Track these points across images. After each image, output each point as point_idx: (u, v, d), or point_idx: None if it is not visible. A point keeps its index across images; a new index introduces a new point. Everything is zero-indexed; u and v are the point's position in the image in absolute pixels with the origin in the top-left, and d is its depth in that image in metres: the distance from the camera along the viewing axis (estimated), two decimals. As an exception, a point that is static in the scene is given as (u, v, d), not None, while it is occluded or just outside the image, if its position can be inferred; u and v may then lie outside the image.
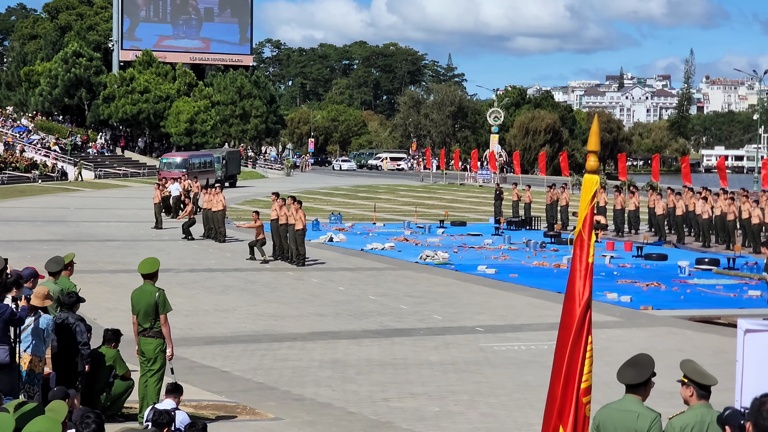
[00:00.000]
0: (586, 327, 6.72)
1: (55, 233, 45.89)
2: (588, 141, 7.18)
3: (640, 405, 8.85)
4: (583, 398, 6.74)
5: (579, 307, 6.71)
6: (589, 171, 7.00)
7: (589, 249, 6.82)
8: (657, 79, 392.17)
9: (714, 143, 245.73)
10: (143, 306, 15.42)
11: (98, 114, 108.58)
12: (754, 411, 5.77)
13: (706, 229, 45.45)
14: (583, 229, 6.83)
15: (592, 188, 6.92)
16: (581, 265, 6.81)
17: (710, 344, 23.76)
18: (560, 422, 6.76)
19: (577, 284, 6.77)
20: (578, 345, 6.71)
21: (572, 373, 6.72)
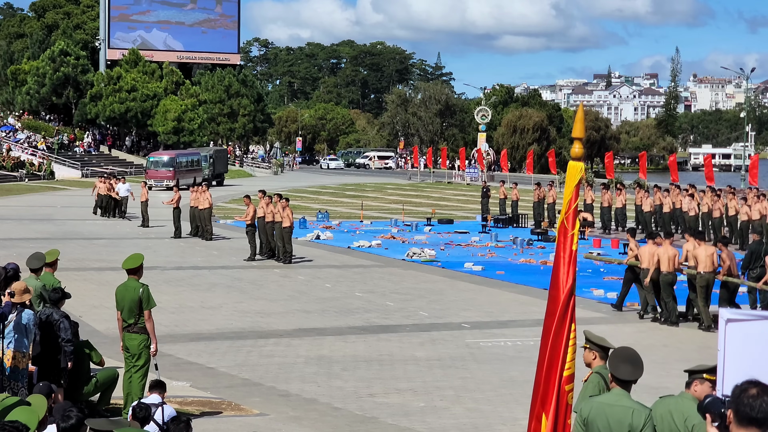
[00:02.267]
0: (569, 314, 6.72)
1: (42, 231, 45.81)
2: (573, 128, 7.15)
3: (632, 400, 8.84)
4: (566, 386, 6.75)
5: (563, 295, 6.71)
6: (574, 158, 6.99)
7: (573, 237, 6.81)
8: (644, 77, 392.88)
9: (701, 141, 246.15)
10: (127, 302, 15.39)
11: (85, 113, 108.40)
12: (735, 398, 5.78)
13: (693, 227, 45.48)
14: (566, 218, 6.83)
15: (577, 175, 6.92)
16: (565, 253, 6.82)
17: (696, 340, 23.82)
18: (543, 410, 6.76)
19: (561, 272, 6.77)
20: (561, 332, 6.72)
21: (555, 360, 6.73)
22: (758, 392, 5.74)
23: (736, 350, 9.25)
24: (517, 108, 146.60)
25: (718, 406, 6.52)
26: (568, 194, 6.87)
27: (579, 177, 6.91)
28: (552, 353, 6.74)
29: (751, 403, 5.71)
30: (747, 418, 5.72)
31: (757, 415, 5.70)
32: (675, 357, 21.14)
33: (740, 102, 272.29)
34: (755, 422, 5.71)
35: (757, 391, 5.75)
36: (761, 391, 5.74)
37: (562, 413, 6.79)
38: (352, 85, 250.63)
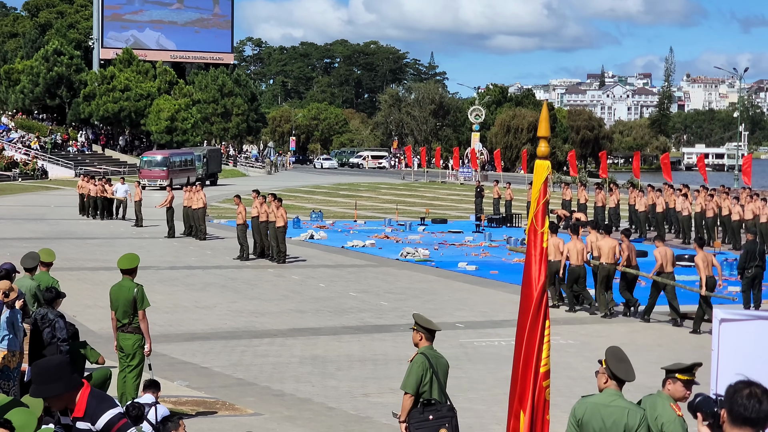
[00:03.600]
0: (543, 311, 6.76)
1: (35, 231, 45.78)
2: (538, 127, 7.20)
3: (626, 400, 8.87)
4: (543, 382, 6.78)
5: (535, 292, 6.76)
6: (540, 156, 7.03)
7: (543, 235, 6.86)
8: (638, 77, 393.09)
9: (695, 141, 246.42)
10: (122, 302, 15.38)
11: (79, 112, 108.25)
12: (729, 398, 5.80)
13: (686, 226, 45.57)
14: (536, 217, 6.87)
15: (544, 174, 6.96)
16: (536, 251, 6.85)
17: (690, 340, 23.86)
18: (521, 406, 6.79)
19: (533, 269, 6.81)
20: (535, 329, 6.76)
21: (530, 357, 6.76)
22: (752, 392, 5.76)
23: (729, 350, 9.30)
24: (511, 108, 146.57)
25: (710, 405, 6.54)
26: (536, 192, 6.93)
27: (545, 175, 6.96)
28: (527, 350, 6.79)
29: (745, 403, 5.73)
30: (741, 418, 5.73)
31: (751, 415, 5.72)
32: (669, 357, 21.13)
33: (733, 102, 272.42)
34: (749, 422, 5.73)
35: (751, 391, 5.76)
36: (755, 391, 5.76)
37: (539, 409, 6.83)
38: (345, 84, 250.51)
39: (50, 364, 7.64)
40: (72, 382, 7.50)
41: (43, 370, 7.55)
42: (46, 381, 7.45)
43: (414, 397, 11.61)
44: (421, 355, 11.75)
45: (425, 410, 11.50)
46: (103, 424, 7.45)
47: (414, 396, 11.62)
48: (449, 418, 11.45)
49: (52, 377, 7.44)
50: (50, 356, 8.98)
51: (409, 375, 11.74)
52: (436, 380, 11.72)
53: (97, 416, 7.48)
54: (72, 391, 7.51)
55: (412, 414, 11.54)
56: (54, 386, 7.42)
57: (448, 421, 11.38)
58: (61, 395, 7.49)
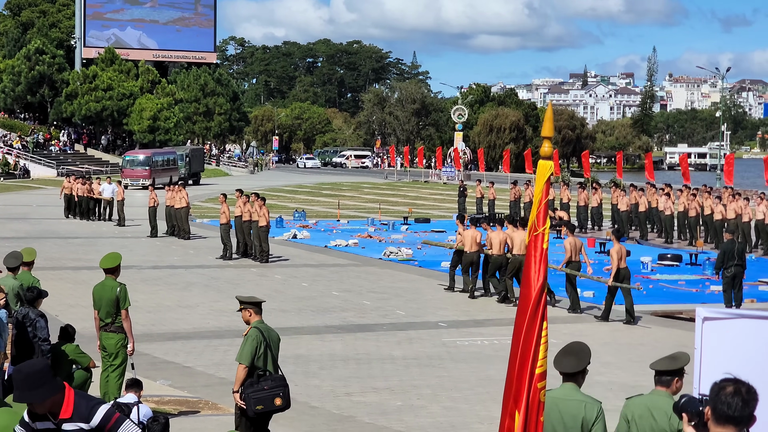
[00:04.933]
0: (540, 312, 6.76)
1: (18, 230, 45.66)
2: (543, 127, 7.19)
3: (583, 393, 8.92)
4: (538, 383, 6.78)
5: (534, 292, 6.76)
6: (543, 156, 7.02)
7: (543, 235, 6.85)
8: (620, 77, 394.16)
9: (677, 141, 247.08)
10: (104, 301, 15.36)
11: (61, 111, 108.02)
12: (714, 396, 5.81)
13: (668, 226, 45.70)
14: (537, 217, 6.87)
15: (546, 174, 6.95)
16: (536, 251, 6.84)
17: (672, 338, 23.88)
18: (516, 407, 6.79)
19: (532, 270, 6.81)
20: (532, 330, 6.76)
21: (526, 358, 6.76)
22: (736, 390, 5.77)
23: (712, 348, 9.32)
24: (494, 107, 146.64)
25: (695, 405, 6.55)
26: (538, 192, 6.92)
27: (548, 175, 6.95)
28: (523, 351, 6.78)
29: (729, 401, 5.74)
30: (724, 416, 5.75)
31: (735, 413, 5.73)
32: (651, 356, 21.13)
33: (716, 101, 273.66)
34: (732, 420, 5.75)
35: (735, 388, 5.78)
36: (739, 389, 5.78)
37: (534, 410, 6.83)
38: (328, 84, 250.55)
39: (33, 369, 7.51)
40: (55, 387, 7.42)
41: (25, 376, 7.44)
42: (30, 387, 7.36)
43: (248, 369, 12.38)
44: (255, 329, 12.46)
45: (261, 381, 12.26)
46: (98, 421, 7.41)
47: (248, 368, 12.38)
48: (283, 388, 12.27)
49: (35, 383, 7.36)
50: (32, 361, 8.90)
51: (244, 347, 12.45)
52: (269, 352, 12.52)
53: (91, 415, 7.42)
54: (56, 395, 7.43)
55: (249, 384, 12.28)
56: (37, 392, 7.34)
57: (282, 390, 12.19)
58: (44, 401, 7.39)
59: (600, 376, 18.74)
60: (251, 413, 12.36)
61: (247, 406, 12.32)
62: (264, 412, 12.45)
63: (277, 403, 12.33)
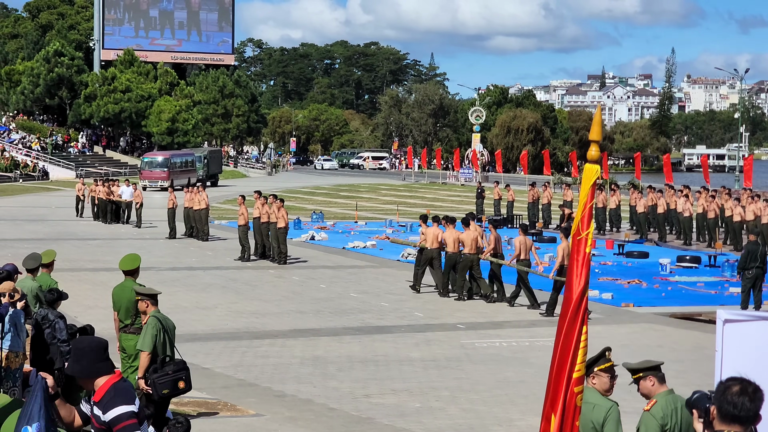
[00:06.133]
0: (581, 317, 6.73)
1: (36, 232, 45.80)
2: (590, 130, 7.15)
3: (596, 395, 8.92)
4: (575, 388, 6.76)
5: (575, 296, 6.74)
6: (590, 160, 6.98)
7: (587, 240, 6.82)
8: (638, 78, 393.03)
9: (695, 142, 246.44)
10: (124, 302, 15.38)
11: (80, 113, 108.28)
12: (719, 395, 5.82)
13: (687, 227, 45.58)
14: (581, 220, 6.84)
15: (592, 178, 6.90)
16: (579, 255, 6.82)
17: (690, 340, 23.85)
18: (552, 411, 6.78)
19: (574, 273, 6.80)
20: (571, 334, 6.74)
21: (564, 361, 6.75)
22: (742, 389, 5.78)
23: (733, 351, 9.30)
24: (512, 109, 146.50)
25: (705, 402, 6.58)
26: (584, 196, 6.88)
27: (594, 179, 6.91)
28: (562, 354, 6.77)
29: (734, 401, 5.76)
30: (729, 415, 5.76)
31: (740, 412, 5.74)
32: (669, 357, 21.12)
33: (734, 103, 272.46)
34: (737, 420, 5.76)
35: (740, 388, 5.79)
36: (745, 389, 5.78)
37: (569, 414, 6.81)
38: (345, 85, 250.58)
39: (82, 344, 7.86)
40: (92, 370, 7.59)
41: (74, 348, 7.82)
42: (74, 359, 7.65)
43: (151, 356, 13.17)
44: (153, 318, 13.38)
45: (164, 366, 12.94)
46: (110, 418, 7.51)
47: (151, 354, 13.19)
48: (185, 371, 12.93)
49: (75, 357, 7.64)
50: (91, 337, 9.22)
51: (145, 335, 13.30)
52: (167, 338, 13.39)
53: (108, 408, 7.55)
54: (91, 378, 7.60)
55: (153, 370, 12.98)
56: (74, 366, 7.61)
57: (184, 374, 12.82)
58: (80, 378, 7.67)
59: (618, 378, 18.67)
60: (157, 397, 12.93)
61: (153, 390, 12.92)
62: (168, 395, 13.12)
63: (181, 386, 13.05)
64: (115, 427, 7.51)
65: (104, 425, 7.58)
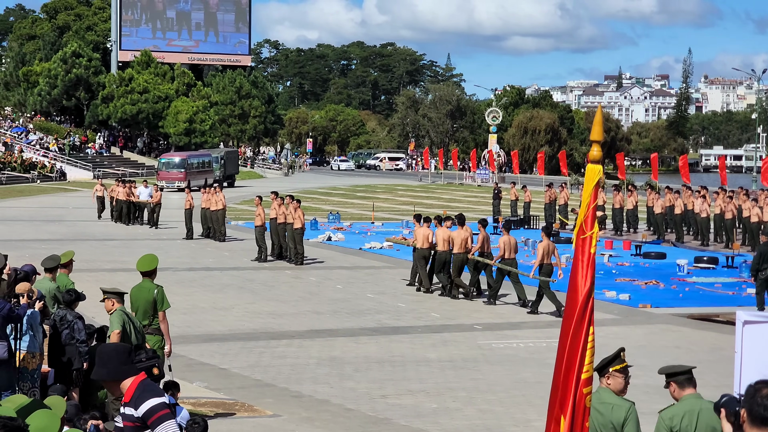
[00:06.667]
0: (587, 317, 6.72)
1: (54, 233, 45.92)
2: (591, 131, 7.15)
3: (612, 396, 8.95)
4: (584, 389, 6.75)
5: (580, 297, 6.73)
6: (592, 161, 6.97)
7: (591, 240, 6.81)
8: (655, 78, 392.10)
9: (712, 143, 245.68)
10: (142, 303, 15.44)
11: (97, 114, 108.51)
12: (749, 398, 5.78)
13: (704, 228, 45.46)
14: (585, 221, 6.83)
15: (595, 178, 6.89)
16: (583, 256, 6.81)
17: (708, 341, 23.80)
18: (561, 412, 6.78)
19: (579, 274, 6.77)
20: (579, 335, 6.73)
21: (572, 363, 6.74)
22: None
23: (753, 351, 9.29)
24: (528, 109, 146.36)
25: (734, 404, 6.56)
26: (587, 197, 6.86)
27: (597, 179, 6.90)
28: (570, 356, 6.75)
29: (765, 403, 5.71)
30: (760, 418, 5.72)
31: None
32: (686, 359, 21.09)
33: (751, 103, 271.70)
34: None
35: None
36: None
37: (579, 416, 6.80)
38: (362, 86, 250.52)
39: (105, 349, 8.04)
40: (119, 372, 7.76)
41: (99, 353, 7.93)
42: (98, 365, 7.81)
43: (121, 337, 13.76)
44: (119, 311, 14.10)
45: (137, 354, 12.96)
46: (143, 411, 7.66)
47: (121, 333, 13.84)
48: (157, 359, 12.95)
49: (100, 362, 7.78)
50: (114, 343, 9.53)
51: (113, 320, 14.10)
52: (134, 330, 14.08)
53: (139, 402, 7.72)
54: (118, 380, 7.77)
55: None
56: (100, 371, 7.77)
57: (156, 361, 12.76)
58: (107, 381, 7.85)
59: (636, 379, 18.60)
60: None
61: None
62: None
63: (155, 372, 13.23)
64: (150, 419, 7.66)
65: (138, 421, 7.74)
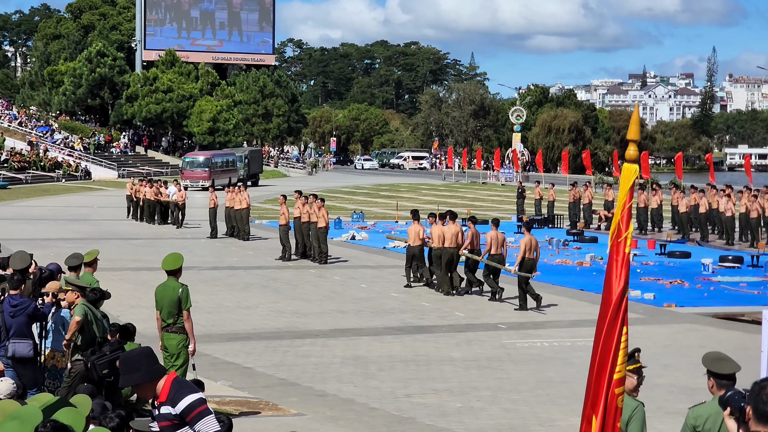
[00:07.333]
0: (621, 317, 6.72)
1: (78, 231, 46.07)
2: (628, 130, 7.12)
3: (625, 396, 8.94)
4: (616, 389, 6.75)
5: (614, 297, 6.72)
6: (629, 160, 6.95)
7: (626, 240, 6.81)
8: (680, 77, 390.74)
9: (737, 141, 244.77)
10: (167, 302, 15.48)
11: (121, 113, 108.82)
12: (754, 395, 5.77)
13: (729, 227, 45.29)
14: (621, 220, 6.83)
15: (631, 178, 6.88)
16: (618, 256, 6.80)
17: (733, 341, 23.67)
18: (593, 412, 6.78)
19: (613, 274, 6.77)
20: (612, 335, 6.73)
21: (605, 362, 6.74)
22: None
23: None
24: (552, 108, 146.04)
25: (738, 400, 6.57)
26: (622, 196, 6.85)
27: (633, 179, 6.88)
28: (602, 356, 6.75)
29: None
30: (765, 415, 5.72)
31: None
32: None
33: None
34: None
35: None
36: None
37: (611, 416, 6.80)
38: (385, 85, 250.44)
39: (132, 354, 8.07)
40: (153, 372, 7.85)
41: (125, 360, 7.98)
42: (128, 371, 7.86)
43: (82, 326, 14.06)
44: (82, 303, 14.23)
45: (102, 347, 13.66)
46: (182, 408, 7.74)
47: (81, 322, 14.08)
48: (121, 350, 13.36)
49: (132, 367, 7.83)
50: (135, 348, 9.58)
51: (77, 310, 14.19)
52: (98, 322, 14.28)
53: (177, 400, 7.81)
54: (154, 380, 7.85)
55: (92, 352, 13.67)
56: (134, 375, 7.81)
57: (120, 353, 12.82)
58: (142, 384, 7.87)
59: (660, 378, 18.64)
60: (97, 377, 13.49)
61: (93, 372, 13.50)
62: (108, 374, 13.57)
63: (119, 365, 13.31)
64: (189, 415, 7.75)
65: (176, 418, 7.82)
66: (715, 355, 9.23)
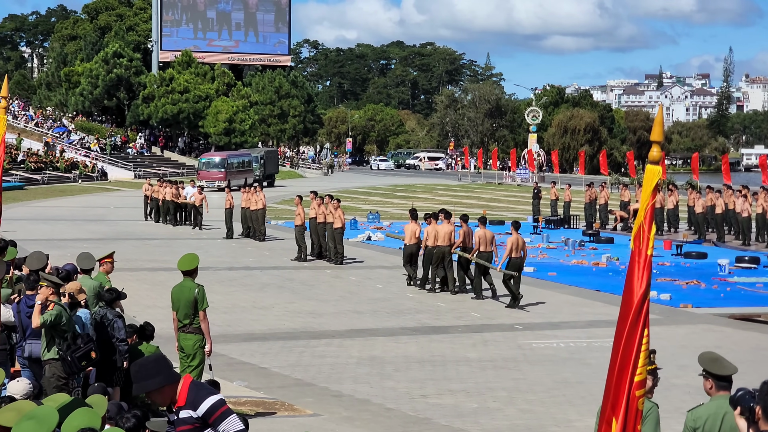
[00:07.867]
0: (642, 319, 6.69)
1: (95, 232, 46.17)
2: (652, 131, 7.09)
3: None
4: (636, 391, 6.73)
5: (636, 299, 6.70)
6: (651, 161, 6.93)
7: (648, 241, 6.79)
8: (696, 77, 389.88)
9: (754, 142, 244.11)
10: (183, 302, 15.49)
11: (138, 114, 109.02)
12: (764, 395, 5.76)
13: (745, 228, 45.18)
14: (644, 222, 6.81)
15: (654, 179, 6.85)
16: (640, 257, 6.78)
17: (749, 342, 23.65)
18: (613, 414, 6.76)
19: (635, 276, 6.75)
20: (633, 337, 6.70)
21: (626, 364, 6.72)
22: None
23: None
24: (568, 109, 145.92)
25: (748, 399, 6.57)
26: (646, 198, 6.83)
27: (656, 180, 6.86)
28: (623, 358, 6.73)
29: None
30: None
31: None
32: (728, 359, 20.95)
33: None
34: None
35: None
36: None
37: (631, 418, 6.78)
38: (401, 85, 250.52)
39: (147, 360, 8.04)
40: (170, 376, 7.84)
41: (140, 367, 7.91)
42: (145, 377, 7.80)
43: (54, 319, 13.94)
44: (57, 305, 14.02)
45: (75, 341, 13.83)
46: (204, 410, 7.77)
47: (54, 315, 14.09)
48: (93, 342, 13.85)
49: (150, 373, 7.79)
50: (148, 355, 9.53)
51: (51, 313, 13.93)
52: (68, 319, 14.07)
53: (198, 402, 7.83)
54: (172, 384, 7.84)
55: (67, 347, 13.78)
56: (152, 381, 7.76)
57: (93, 344, 13.72)
58: (160, 389, 7.82)
59: (677, 379, 18.60)
60: (77, 369, 13.76)
61: (74, 365, 13.70)
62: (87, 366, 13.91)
63: (93, 355, 13.85)
64: (212, 416, 7.79)
65: (198, 421, 7.84)
66: (711, 355, 9.21)
